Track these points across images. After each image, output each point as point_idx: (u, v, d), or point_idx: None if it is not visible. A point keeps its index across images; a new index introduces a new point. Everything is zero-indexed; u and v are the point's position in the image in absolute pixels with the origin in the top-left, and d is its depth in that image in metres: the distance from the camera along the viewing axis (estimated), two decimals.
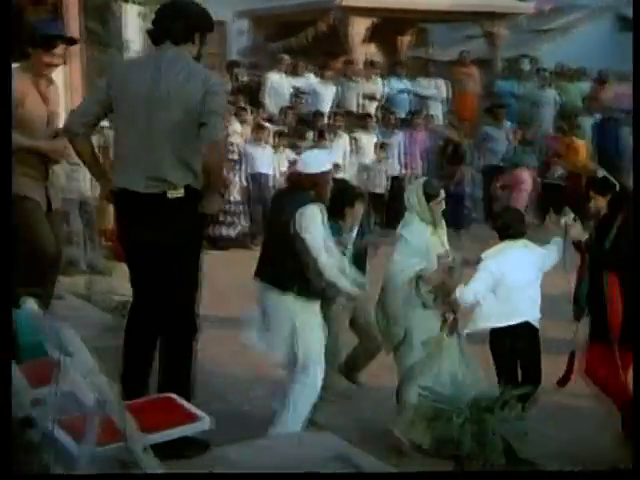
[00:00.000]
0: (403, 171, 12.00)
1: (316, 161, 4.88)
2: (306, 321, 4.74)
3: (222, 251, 9.91)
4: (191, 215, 4.07)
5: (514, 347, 5.00)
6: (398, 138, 12.02)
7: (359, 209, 5.43)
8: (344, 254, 5.07)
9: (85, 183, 8.70)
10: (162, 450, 3.22)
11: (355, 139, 11.66)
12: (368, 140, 11.72)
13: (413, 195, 5.16)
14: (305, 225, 4.60)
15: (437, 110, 13.47)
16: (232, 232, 10.40)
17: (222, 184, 4.01)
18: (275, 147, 10.94)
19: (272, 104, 12.36)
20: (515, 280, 4.99)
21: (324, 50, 14.30)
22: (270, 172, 10.84)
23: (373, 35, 14.63)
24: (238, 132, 10.87)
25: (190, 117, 3.97)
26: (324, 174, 4.80)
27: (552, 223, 5.74)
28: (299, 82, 12.69)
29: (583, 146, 12.42)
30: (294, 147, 11.13)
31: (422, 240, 5.07)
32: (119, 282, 7.06)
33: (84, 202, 8.85)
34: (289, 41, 14.78)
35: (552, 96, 13.77)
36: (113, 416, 2.98)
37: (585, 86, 14.30)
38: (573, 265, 5.21)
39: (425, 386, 4.05)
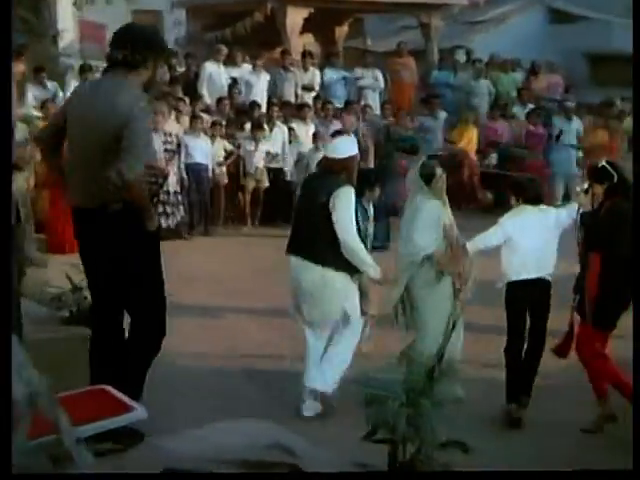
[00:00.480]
0: None
1: (345, 147, 5.45)
2: (347, 288, 5.34)
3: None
4: (134, 226, 4.22)
5: (527, 299, 5.42)
6: (335, 128, 12.04)
7: (376, 191, 6.55)
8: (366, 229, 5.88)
9: (17, 175, 8.53)
10: (97, 441, 3.20)
11: (292, 129, 11.67)
12: (306, 130, 11.73)
13: (413, 178, 5.66)
14: (339, 204, 5.14)
15: (374, 100, 13.56)
16: (170, 222, 10.33)
17: (146, 206, 4.31)
18: (212, 137, 10.90)
19: (209, 94, 12.28)
20: (530, 238, 5.40)
21: (261, 40, 14.26)
22: (207, 162, 10.80)
23: (310, 25, 14.63)
24: (176, 123, 10.81)
25: (118, 140, 4.11)
26: (352, 158, 5.37)
27: None
28: (236, 72, 12.64)
29: (474, 132, 12.67)
30: (231, 137, 11.11)
31: (436, 214, 5.55)
32: (53, 274, 6.97)
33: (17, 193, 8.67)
34: (226, 31, 14.69)
35: (486, 86, 13.97)
36: (44, 409, 2.94)
37: (518, 76, 14.55)
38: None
39: (360, 373, 4.09)
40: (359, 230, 5.39)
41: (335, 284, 5.29)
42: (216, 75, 12.45)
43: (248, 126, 11.30)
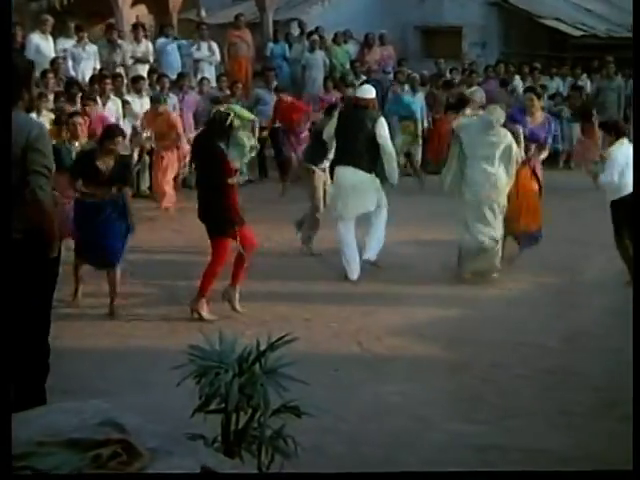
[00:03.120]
0: None
1: (371, 90, 8.33)
2: (379, 187, 8.02)
3: None
4: (34, 256, 4.33)
5: (627, 211, 7.05)
6: (171, 101, 11.87)
7: None
8: None
9: None
10: None
11: (127, 102, 11.40)
12: (141, 103, 11.49)
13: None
14: (382, 128, 7.91)
15: (210, 73, 13.45)
16: None
17: (52, 229, 4.44)
18: (37, 111, 10.45)
19: (35, 66, 11.77)
20: (628, 164, 7.26)
21: (91, 10, 13.83)
22: None
23: None
24: None
25: (22, 170, 4.22)
26: (375, 98, 8.32)
27: None
28: (63, 44, 12.20)
29: None
30: (58, 111, 10.71)
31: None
32: None
33: None
34: (53, 1, 14.15)
35: (321, 58, 14.16)
36: None
37: (351, 49, 14.82)
38: None
39: (192, 345, 4.09)
40: None
41: (374, 183, 7.96)
42: (43, 47, 11.97)
43: (79, 99, 10.91)
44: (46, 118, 10.52)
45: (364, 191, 7.92)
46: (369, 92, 8.21)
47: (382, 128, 7.91)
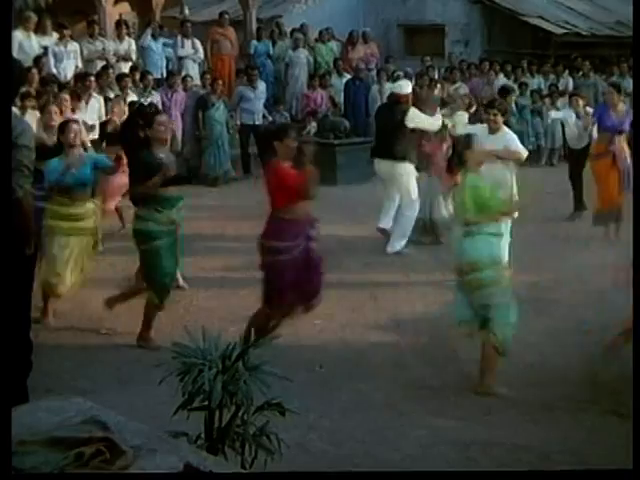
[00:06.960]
0: None
1: (407, 86, 9.08)
2: (412, 177, 8.69)
3: None
4: (12, 253, 4.28)
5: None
6: (155, 99, 11.84)
7: None
8: None
9: None
10: None
11: (111, 100, 11.34)
12: (125, 101, 11.44)
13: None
14: (414, 114, 8.60)
15: (194, 71, 13.43)
16: None
17: (30, 227, 4.54)
18: (22, 109, 10.39)
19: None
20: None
21: (74, 8, 13.77)
22: None
23: None
24: None
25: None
26: (409, 94, 8.87)
27: None
28: (47, 41, 12.13)
29: None
30: (44, 109, 10.66)
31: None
32: None
33: None
34: None
35: (305, 56, 14.16)
36: None
37: (336, 47, 14.83)
38: None
39: (176, 342, 4.09)
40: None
41: (399, 170, 8.63)
42: (26, 44, 11.90)
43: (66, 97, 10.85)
44: (31, 116, 10.48)
45: (390, 178, 8.80)
46: (403, 87, 9.01)
47: (413, 114, 8.56)
